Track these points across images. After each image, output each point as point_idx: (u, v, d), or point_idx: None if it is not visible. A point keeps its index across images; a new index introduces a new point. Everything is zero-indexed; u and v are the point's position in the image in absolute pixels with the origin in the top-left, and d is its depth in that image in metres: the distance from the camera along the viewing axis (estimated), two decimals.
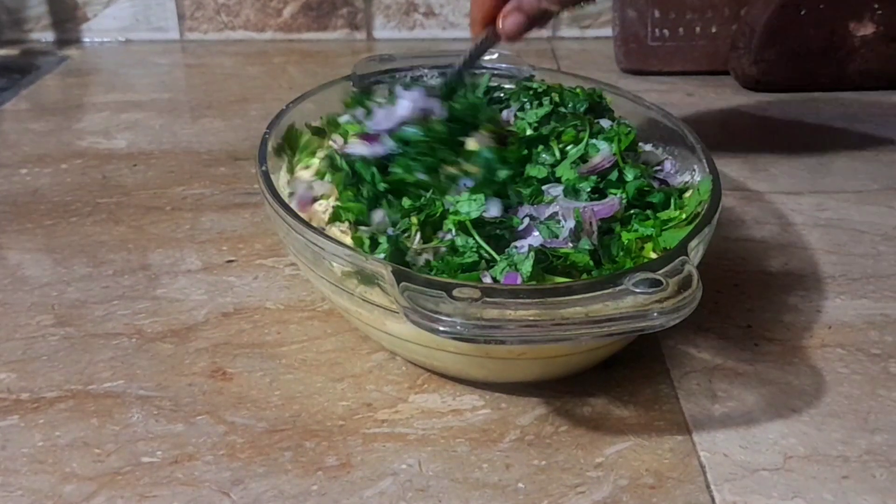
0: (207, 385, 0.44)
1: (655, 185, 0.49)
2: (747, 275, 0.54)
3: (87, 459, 0.39)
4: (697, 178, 0.50)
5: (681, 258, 0.38)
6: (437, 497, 0.37)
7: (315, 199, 0.49)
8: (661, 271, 0.37)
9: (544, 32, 1.10)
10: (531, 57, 0.98)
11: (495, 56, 0.65)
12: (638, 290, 0.36)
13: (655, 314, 0.35)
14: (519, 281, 0.40)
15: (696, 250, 0.41)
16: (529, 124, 0.53)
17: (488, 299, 0.35)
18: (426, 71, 0.63)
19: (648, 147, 0.56)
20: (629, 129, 0.51)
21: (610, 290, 0.36)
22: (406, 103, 0.51)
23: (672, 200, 0.47)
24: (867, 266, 0.55)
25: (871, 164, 0.71)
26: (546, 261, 0.41)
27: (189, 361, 0.46)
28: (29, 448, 0.40)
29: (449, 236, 0.43)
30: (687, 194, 0.49)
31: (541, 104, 0.55)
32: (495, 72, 0.63)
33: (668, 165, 0.53)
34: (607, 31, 1.05)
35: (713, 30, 0.92)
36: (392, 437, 0.41)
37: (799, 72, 0.87)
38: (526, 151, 0.50)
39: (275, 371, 0.45)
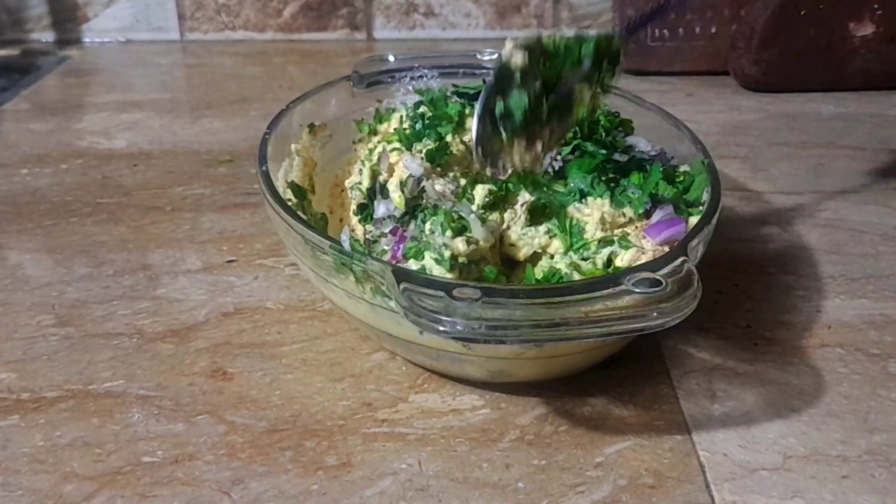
0: (208, 385, 0.44)
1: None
2: (747, 275, 0.54)
3: (88, 459, 0.39)
4: None
5: (681, 258, 0.38)
6: (437, 497, 0.37)
7: None
8: (660, 271, 0.37)
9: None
10: None
11: (495, 56, 0.65)
12: (638, 290, 0.36)
13: (655, 314, 0.35)
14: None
15: (696, 250, 0.41)
16: None
17: (488, 299, 0.35)
18: (426, 71, 0.63)
19: (646, 145, 0.56)
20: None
21: (610, 290, 0.36)
22: None
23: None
24: (867, 266, 0.55)
25: (870, 164, 0.71)
26: None
27: (189, 361, 0.46)
28: (29, 448, 0.40)
29: None
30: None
31: None
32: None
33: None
34: None
35: (713, 30, 0.92)
36: (392, 437, 0.41)
37: (799, 72, 0.87)
38: None
39: (275, 371, 0.46)
